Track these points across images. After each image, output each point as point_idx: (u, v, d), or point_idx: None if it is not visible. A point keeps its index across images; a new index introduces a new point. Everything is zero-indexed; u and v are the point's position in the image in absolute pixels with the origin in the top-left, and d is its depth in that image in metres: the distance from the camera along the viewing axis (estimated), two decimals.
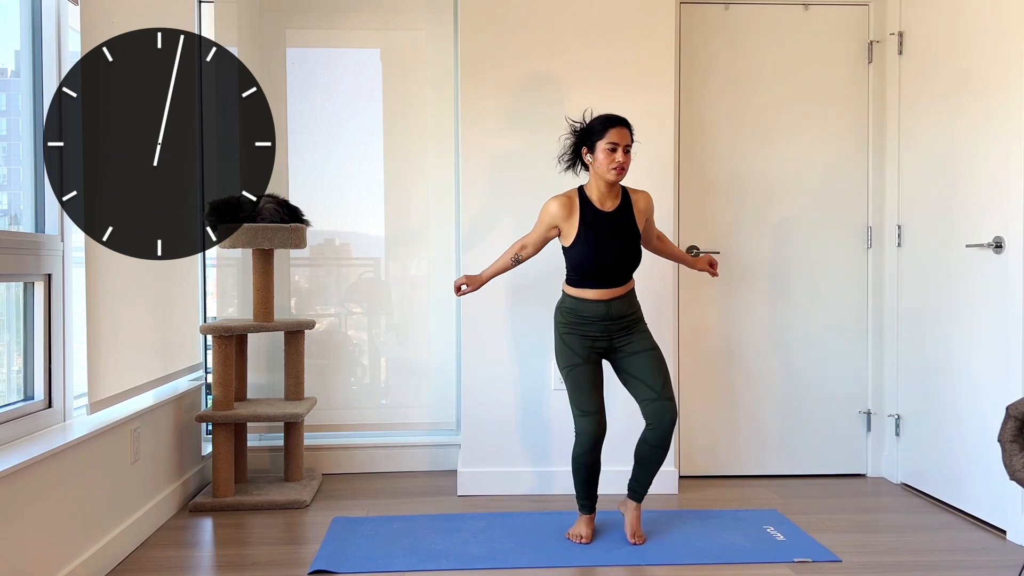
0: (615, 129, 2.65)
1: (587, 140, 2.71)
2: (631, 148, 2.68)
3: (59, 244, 2.54)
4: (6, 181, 2.65)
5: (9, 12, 2.48)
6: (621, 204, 2.73)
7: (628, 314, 2.74)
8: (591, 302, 2.71)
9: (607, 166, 2.64)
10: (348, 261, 3.85)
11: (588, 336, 2.73)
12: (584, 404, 2.71)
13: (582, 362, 2.72)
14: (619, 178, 2.66)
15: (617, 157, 2.63)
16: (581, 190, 2.75)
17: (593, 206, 2.71)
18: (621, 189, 2.76)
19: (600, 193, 2.72)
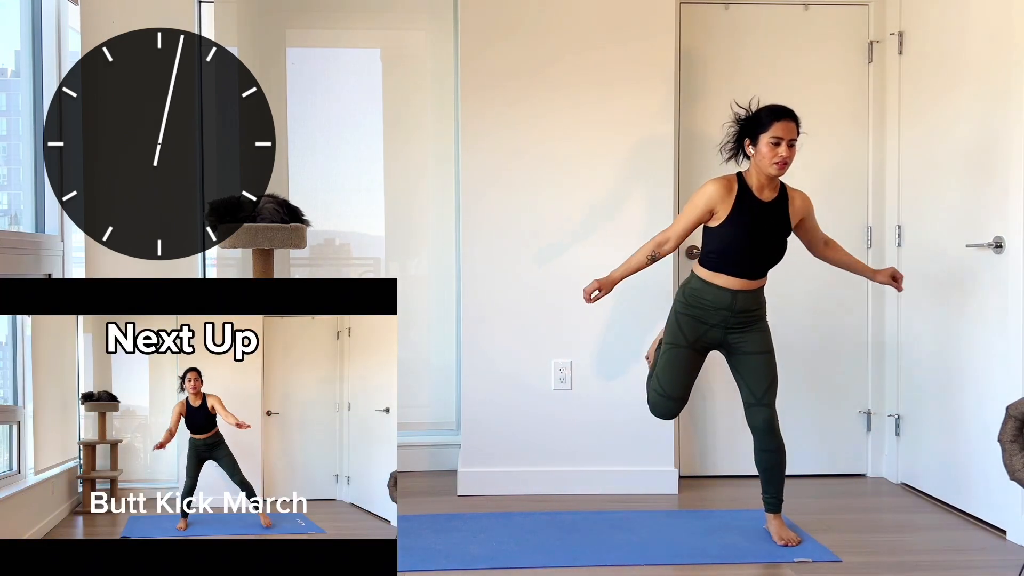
0: (781, 123, 2.61)
1: (751, 131, 2.68)
2: (796, 142, 2.64)
3: (59, 244, 2.55)
4: (6, 181, 2.66)
5: (9, 12, 2.49)
6: (779, 196, 2.71)
7: (751, 310, 2.71)
8: (719, 289, 2.67)
9: (769, 160, 2.61)
10: (348, 261, 3.85)
11: (704, 323, 2.71)
12: (668, 387, 2.73)
13: (687, 345, 2.73)
14: (781, 172, 2.63)
15: (780, 151, 2.60)
16: (740, 176, 2.72)
17: (751, 192, 2.68)
18: (780, 184, 2.73)
19: (759, 183, 2.68)
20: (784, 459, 2.75)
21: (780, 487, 2.78)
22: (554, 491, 3.40)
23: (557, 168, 3.40)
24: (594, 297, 2.79)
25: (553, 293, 3.39)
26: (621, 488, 3.40)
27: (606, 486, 3.40)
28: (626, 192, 3.39)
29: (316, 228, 3.70)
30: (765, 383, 2.72)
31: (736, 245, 2.65)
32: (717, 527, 2.93)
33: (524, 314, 3.40)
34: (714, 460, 3.63)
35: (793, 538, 2.75)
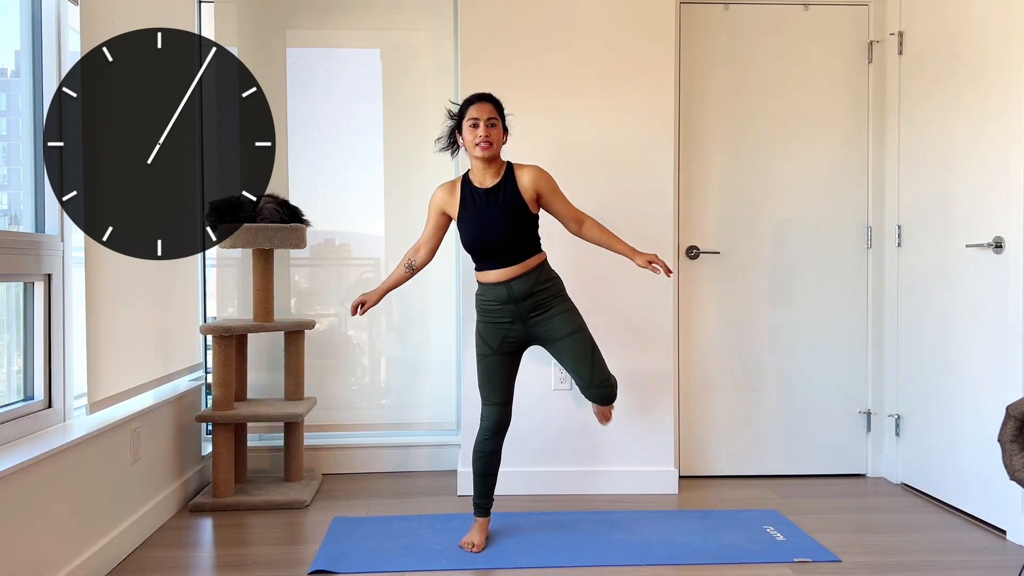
0: (474, 105, 2.64)
1: (458, 124, 2.71)
2: (496, 121, 2.63)
3: (59, 244, 2.54)
4: (6, 181, 2.66)
5: (9, 12, 2.48)
6: (502, 179, 2.66)
7: (534, 292, 2.65)
8: (492, 285, 2.66)
9: (472, 142, 2.62)
10: (348, 261, 3.85)
11: (500, 324, 2.68)
12: (488, 395, 2.73)
13: (492, 353, 2.71)
14: (486, 153, 2.60)
15: (480, 132, 2.60)
16: (465, 175, 2.73)
17: (472, 184, 2.68)
18: (506, 166, 2.69)
19: (479, 172, 2.67)
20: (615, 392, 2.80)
21: None
22: (554, 491, 3.40)
23: (557, 168, 3.39)
24: (360, 312, 2.80)
25: None
26: (621, 488, 3.40)
27: (606, 486, 3.41)
28: (626, 192, 3.39)
29: (316, 228, 3.71)
30: (587, 362, 2.67)
31: (472, 238, 2.66)
32: (717, 527, 2.93)
33: None
34: (714, 460, 3.63)
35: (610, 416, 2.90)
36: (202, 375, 3.60)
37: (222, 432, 3.20)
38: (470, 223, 2.66)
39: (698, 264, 3.60)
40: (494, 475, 2.76)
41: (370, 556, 2.64)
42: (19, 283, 2.42)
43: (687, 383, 3.60)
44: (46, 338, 2.50)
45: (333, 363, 3.81)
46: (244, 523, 3.04)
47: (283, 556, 2.68)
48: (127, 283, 2.78)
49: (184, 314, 3.36)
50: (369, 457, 3.75)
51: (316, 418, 3.75)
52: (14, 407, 2.32)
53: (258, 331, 3.33)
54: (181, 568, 2.59)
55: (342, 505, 3.24)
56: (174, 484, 3.16)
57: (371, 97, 3.78)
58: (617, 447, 3.41)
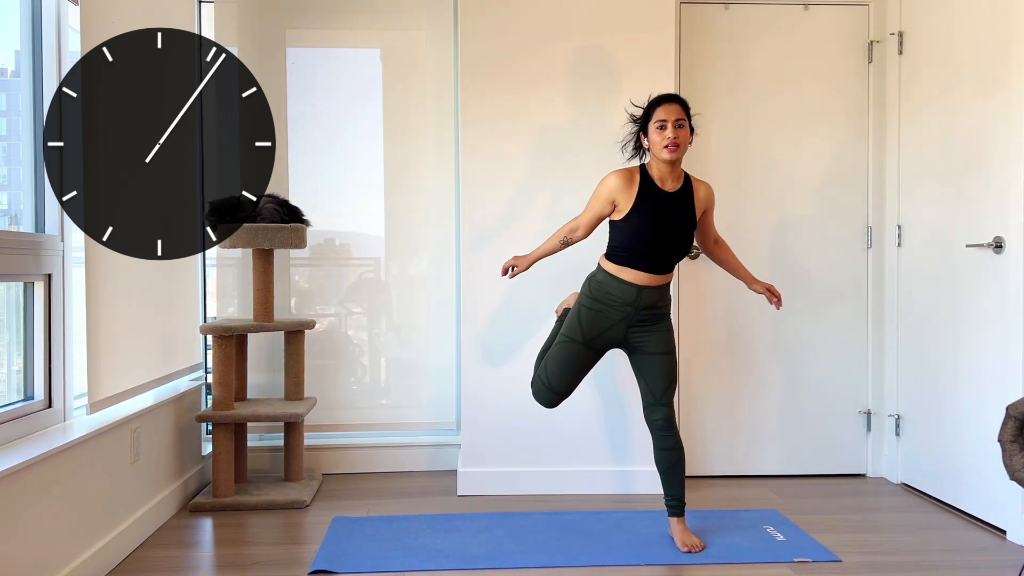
0: (662, 107, 2.61)
1: (643, 125, 2.68)
2: (684, 123, 2.61)
3: (59, 244, 2.54)
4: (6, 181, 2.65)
5: (9, 12, 2.48)
6: (682, 188, 2.67)
7: (656, 306, 2.67)
8: (624, 283, 2.65)
9: (659, 144, 2.59)
10: (348, 261, 3.85)
11: (608, 318, 2.67)
12: (554, 380, 2.71)
13: (581, 342, 2.69)
14: (673, 155, 2.59)
15: (667, 133, 2.58)
16: (643, 168, 2.69)
17: (654, 183, 2.64)
18: (684, 175, 2.70)
19: (661, 173, 2.65)
20: (683, 458, 2.71)
21: (681, 488, 2.72)
22: (554, 491, 3.40)
23: (557, 168, 3.41)
24: (513, 273, 2.86)
25: (553, 293, 3.39)
26: (621, 488, 3.40)
27: (606, 486, 3.41)
28: None
29: (316, 228, 3.71)
30: (665, 383, 2.69)
31: (640, 237, 2.61)
32: (717, 527, 2.93)
33: (524, 314, 3.41)
34: (714, 460, 3.63)
35: (697, 544, 2.69)
36: (202, 375, 3.60)
37: (222, 432, 3.20)
38: (644, 221, 2.61)
39: (698, 264, 3.60)
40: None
41: (370, 556, 2.64)
42: (19, 283, 2.42)
43: (687, 383, 3.60)
44: (46, 338, 2.50)
45: (333, 363, 3.81)
46: (244, 523, 3.04)
47: (283, 556, 2.68)
48: (127, 283, 2.78)
49: (184, 314, 3.36)
50: (369, 457, 3.75)
51: (316, 418, 3.75)
52: (14, 407, 2.32)
53: (258, 331, 3.33)
54: (181, 568, 2.59)
55: (342, 505, 3.24)
56: (174, 484, 3.16)
57: (371, 97, 3.79)
58: (617, 447, 3.41)
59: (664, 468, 2.72)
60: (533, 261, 2.85)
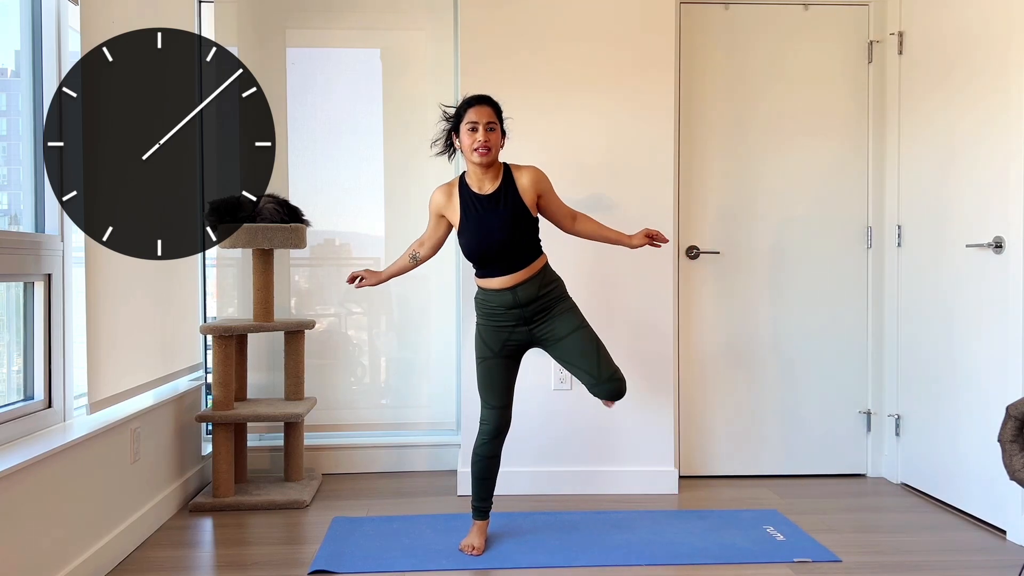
0: (473, 108, 2.57)
1: (455, 126, 2.64)
2: (495, 126, 2.57)
3: (59, 244, 2.54)
4: (6, 181, 2.65)
5: (9, 12, 2.48)
6: (501, 184, 2.60)
7: (540, 296, 2.60)
8: (496, 291, 2.59)
9: (470, 147, 2.56)
10: (348, 261, 3.85)
11: (503, 327, 2.63)
12: (488, 398, 2.68)
13: (493, 355, 2.66)
14: (484, 159, 2.54)
15: (478, 136, 2.53)
16: (462, 177, 2.66)
17: (471, 190, 2.61)
18: (503, 169, 2.63)
19: (477, 177, 2.61)
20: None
21: None
22: (554, 491, 3.40)
23: (557, 168, 3.40)
24: (359, 284, 2.78)
25: None
26: (621, 488, 3.40)
27: (606, 486, 3.41)
28: (626, 192, 3.39)
29: (316, 228, 3.71)
30: (594, 356, 2.60)
31: (474, 247, 2.58)
32: (717, 527, 2.93)
33: None
34: (714, 460, 3.63)
35: None
36: (202, 375, 3.60)
37: (222, 432, 3.20)
38: (471, 232, 2.59)
39: (698, 264, 3.60)
40: (493, 479, 2.74)
41: (370, 556, 2.64)
42: (19, 283, 2.42)
43: (687, 383, 3.60)
44: (46, 338, 2.50)
45: (333, 363, 3.81)
46: (244, 523, 3.04)
47: (283, 556, 2.68)
48: (127, 283, 2.78)
49: (184, 314, 3.36)
50: (369, 457, 3.75)
51: (316, 418, 3.75)
52: (14, 407, 2.32)
53: (258, 331, 3.33)
54: (181, 568, 2.59)
55: (342, 505, 3.24)
56: (174, 484, 3.16)
57: (371, 97, 3.78)
58: (617, 447, 3.41)
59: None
60: (384, 279, 2.79)
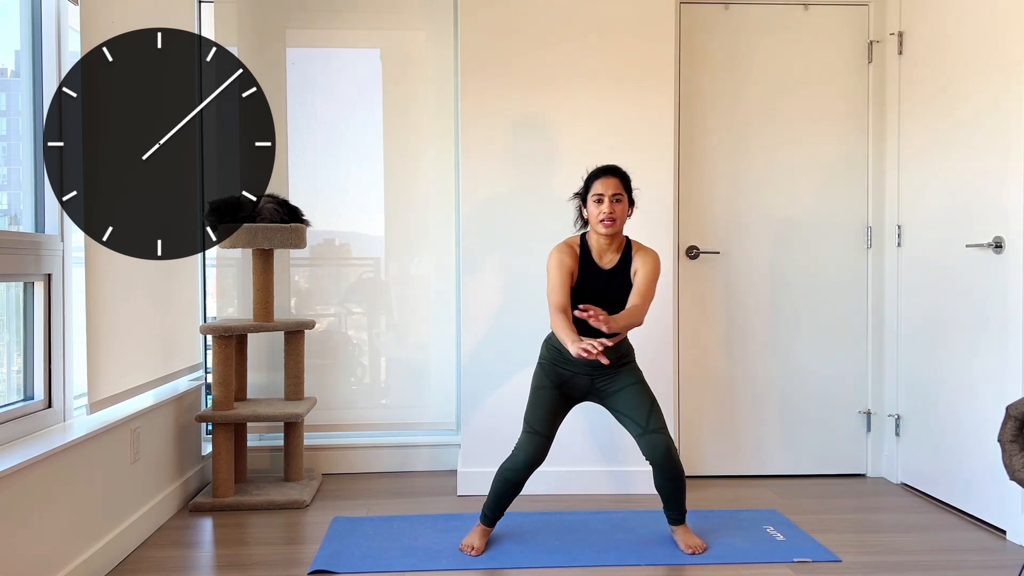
0: (599, 180, 2.60)
1: (583, 197, 2.67)
2: (622, 197, 2.58)
3: (59, 244, 2.54)
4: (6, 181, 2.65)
5: (9, 12, 2.48)
6: (620, 261, 2.64)
7: (614, 363, 2.65)
8: None
9: (596, 218, 2.58)
10: (348, 261, 3.85)
11: (569, 371, 2.66)
12: (535, 423, 2.62)
13: (551, 386, 2.67)
14: (609, 230, 2.57)
15: (604, 208, 2.56)
16: (583, 238, 2.68)
17: (592, 259, 2.65)
18: (626, 243, 2.66)
19: (599, 246, 2.64)
20: (684, 480, 2.63)
21: (683, 503, 2.68)
22: (554, 491, 3.40)
23: (557, 168, 3.41)
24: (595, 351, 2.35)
25: None
26: (621, 488, 3.40)
27: (606, 486, 3.41)
28: None
29: (316, 228, 3.71)
30: (646, 408, 2.59)
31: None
32: (717, 527, 2.93)
33: (524, 314, 3.40)
34: (714, 460, 3.63)
35: (700, 544, 2.66)
36: (202, 375, 3.60)
37: (222, 432, 3.20)
38: (585, 295, 2.62)
39: (698, 264, 3.60)
40: (511, 500, 2.69)
41: (370, 556, 2.64)
42: (19, 283, 2.42)
43: (687, 383, 3.60)
44: (46, 338, 2.50)
45: (333, 363, 3.81)
46: (244, 523, 3.04)
47: (283, 556, 2.68)
48: (127, 283, 2.78)
49: (184, 314, 3.36)
50: (369, 457, 3.75)
51: (316, 418, 3.75)
52: (14, 407, 2.32)
53: (258, 331, 3.33)
54: (181, 568, 2.59)
55: (342, 505, 3.24)
56: (174, 484, 3.16)
57: (371, 97, 3.79)
58: (617, 447, 3.41)
59: (667, 495, 2.66)
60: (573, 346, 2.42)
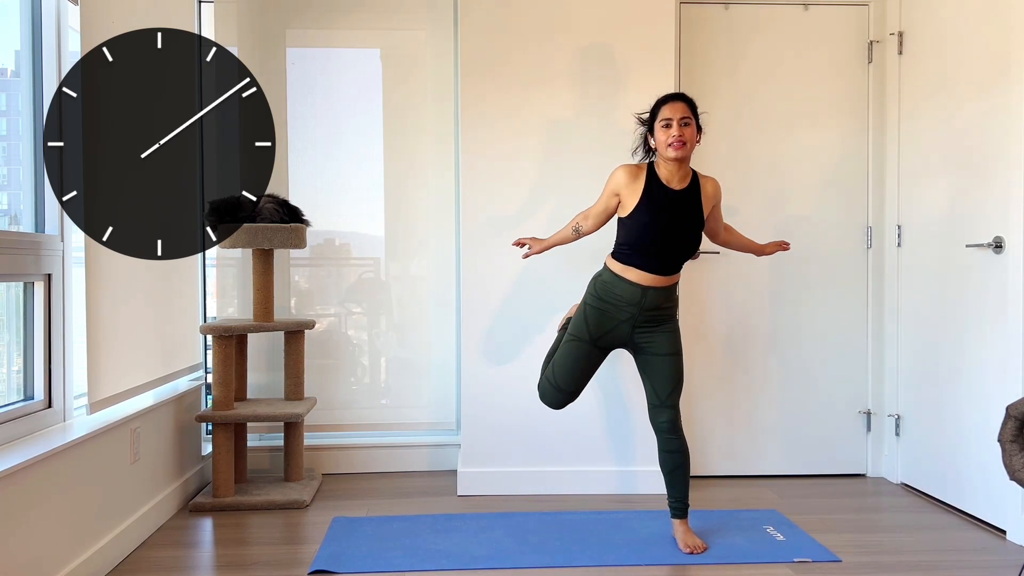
0: (667, 105, 2.61)
1: (649, 126, 2.68)
2: (690, 121, 2.59)
3: (59, 244, 2.54)
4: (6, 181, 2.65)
5: (9, 12, 2.48)
6: (690, 186, 2.65)
7: (662, 307, 2.65)
8: (629, 283, 2.62)
9: (664, 143, 2.58)
10: (348, 261, 3.85)
11: (612, 318, 2.66)
12: (561, 379, 2.68)
13: (588, 341, 2.68)
14: (679, 153, 2.56)
15: (673, 132, 2.56)
16: (651, 165, 2.67)
17: (660, 182, 2.62)
18: (691, 173, 2.67)
19: (668, 171, 2.62)
20: (688, 461, 2.69)
21: (686, 491, 2.71)
22: (554, 491, 3.40)
23: (557, 168, 3.41)
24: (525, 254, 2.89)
25: (553, 293, 3.39)
26: (621, 488, 3.40)
27: (606, 486, 3.41)
28: None
29: (316, 228, 3.71)
30: (670, 385, 2.66)
31: (645, 236, 2.58)
32: (717, 527, 2.93)
33: (524, 314, 3.40)
34: (714, 460, 3.63)
35: (699, 545, 2.68)
36: (202, 375, 3.60)
37: (222, 432, 3.20)
38: (651, 218, 2.59)
39: (698, 264, 3.60)
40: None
41: (370, 556, 2.64)
42: (19, 283, 2.42)
43: (687, 383, 3.60)
44: (46, 338, 2.50)
45: (333, 363, 3.81)
46: (244, 523, 3.04)
47: (283, 556, 2.68)
48: (127, 283, 2.78)
49: (184, 314, 3.36)
50: (369, 457, 3.75)
51: (316, 418, 3.75)
52: (14, 407, 2.32)
53: (258, 331, 3.33)
54: (181, 568, 2.59)
55: (342, 505, 3.24)
56: (174, 484, 3.16)
57: (371, 97, 3.79)
58: (618, 447, 3.41)
59: (668, 470, 2.71)
60: (547, 247, 2.86)
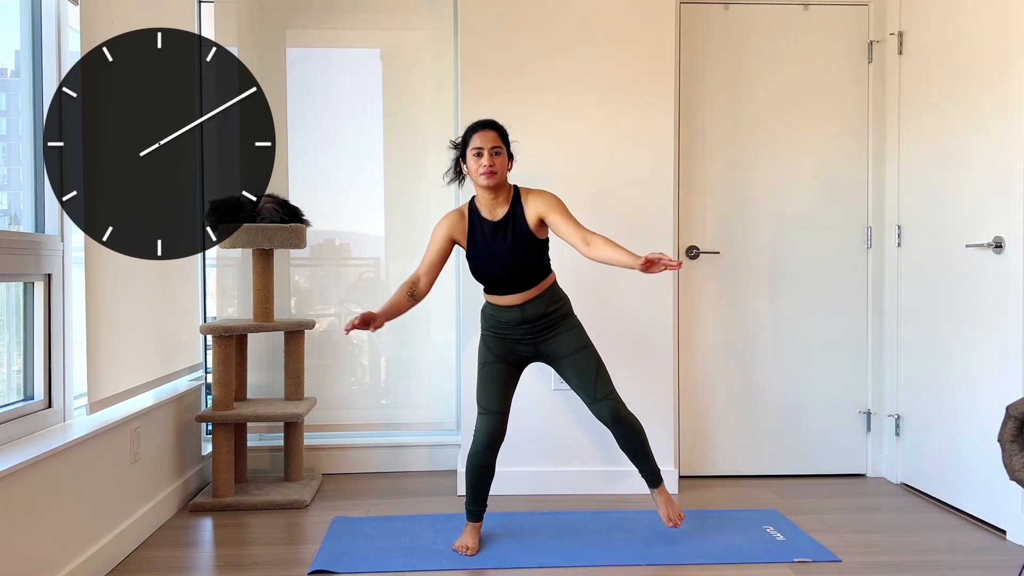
0: (477, 134, 2.59)
1: (462, 153, 2.66)
2: (501, 150, 2.58)
3: (59, 244, 2.54)
4: (6, 181, 2.65)
5: (9, 12, 2.48)
6: (510, 209, 2.62)
7: (547, 313, 2.65)
8: (505, 308, 2.65)
9: (476, 172, 2.57)
10: (348, 261, 3.85)
11: (509, 339, 2.68)
12: (486, 401, 2.67)
13: (496, 360, 2.68)
14: (490, 182, 2.56)
15: (483, 161, 2.55)
16: (472, 201, 2.68)
17: (481, 216, 2.64)
18: (513, 192, 2.65)
19: (486, 201, 2.63)
20: (643, 434, 2.71)
21: (652, 462, 2.75)
22: (554, 491, 3.40)
23: (557, 168, 3.40)
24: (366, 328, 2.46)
25: None
26: (621, 488, 3.40)
27: (606, 486, 3.41)
28: (627, 192, 3.39)
29: (316, 228, 3.71)
30: (592, 378, 2.65)
31: (483, 270, 2.63)
32: (717, 527, 2.93)
33: None
34: (714, 460, 3.63)
35: (679, 514, 2.75)
36: (202, 375, 3.60)
37: (222, 432, 3.20)
38: (479, 257, 2.63)
39: (698, 264, 3.60)
40: (487, 485, 2.72)
41: (370, 556, 2.64)
42: (19, 283, 2.42)
43: (687, 383, 3.60)
44: (46, 338, 2.50)
45: (333, 363, 3.81)
46: (244, 523, 3.04)
47: (283, 556, 2.68)
48: (127, 283, 2.78)
49: (184, 314, 3.36)
50: (369, 457, 3.75)
51: (316, 418, 3.75)
52: (14, 407, 2.32)
53: (258, 331, 3.33)
54: (181, 568, 2.59)
55: (342, 505, 3.24)
56: (174, 484, 3.16)
57: (371, 97, 3.79)
58: (617, 448, 3.40)
59: (631, 452, 2.74)
60: (384, 318, 2.52)
